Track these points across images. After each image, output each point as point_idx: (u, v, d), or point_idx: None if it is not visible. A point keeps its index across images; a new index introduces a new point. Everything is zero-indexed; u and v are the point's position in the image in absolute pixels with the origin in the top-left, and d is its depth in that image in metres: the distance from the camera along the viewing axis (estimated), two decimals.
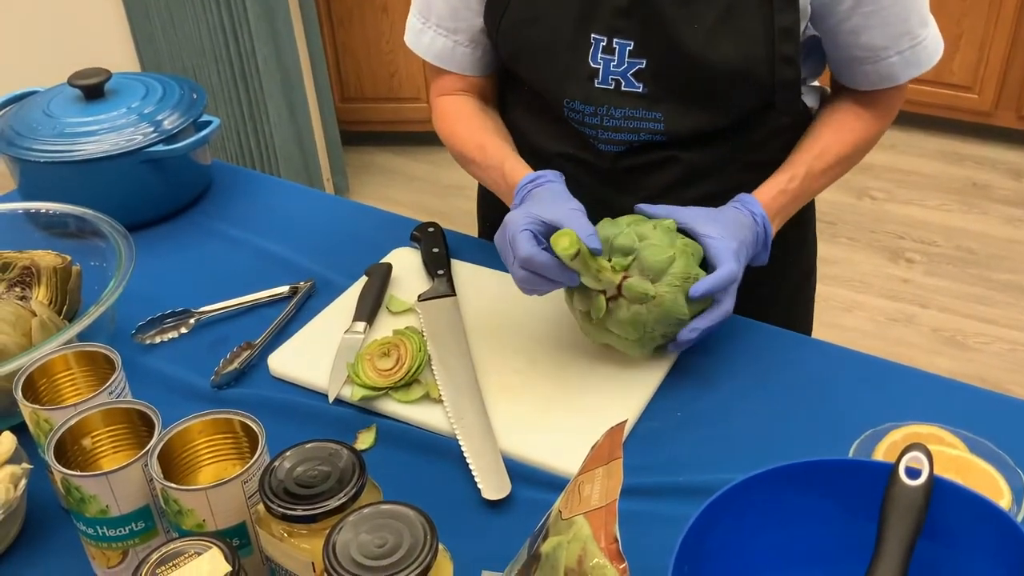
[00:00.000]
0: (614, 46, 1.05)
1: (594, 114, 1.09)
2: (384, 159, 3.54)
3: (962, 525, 0.70)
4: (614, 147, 1.10)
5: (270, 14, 2.87)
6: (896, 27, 1.03)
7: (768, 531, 0.74)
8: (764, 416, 0.98)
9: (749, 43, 1.02)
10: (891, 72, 1.07)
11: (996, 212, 3.14)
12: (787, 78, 1.05)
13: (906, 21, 1.04)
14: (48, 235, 1.16)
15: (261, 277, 1.20)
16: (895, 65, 1.06)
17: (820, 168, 1.10)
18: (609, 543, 0.61)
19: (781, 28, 1.01)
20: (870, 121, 1.12)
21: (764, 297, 1.16)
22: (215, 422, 0.78)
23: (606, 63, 1.06)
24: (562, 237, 0.92)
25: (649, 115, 1.07)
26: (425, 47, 1.18)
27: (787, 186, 1.08)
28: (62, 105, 1.32)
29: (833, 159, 1.10)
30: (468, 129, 1.17)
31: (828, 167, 1.10)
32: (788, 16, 1.01)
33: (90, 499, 0.75)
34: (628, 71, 1.06)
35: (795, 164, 1.10)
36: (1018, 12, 3.12)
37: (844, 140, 1.11)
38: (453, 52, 1.17)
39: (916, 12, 1.04)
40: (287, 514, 0.68)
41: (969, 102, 3.33)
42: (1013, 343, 2.61)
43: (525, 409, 0.98)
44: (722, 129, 1.09)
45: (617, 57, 1.05)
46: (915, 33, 1.05)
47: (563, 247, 0.91)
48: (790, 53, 1.03)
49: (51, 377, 0.87)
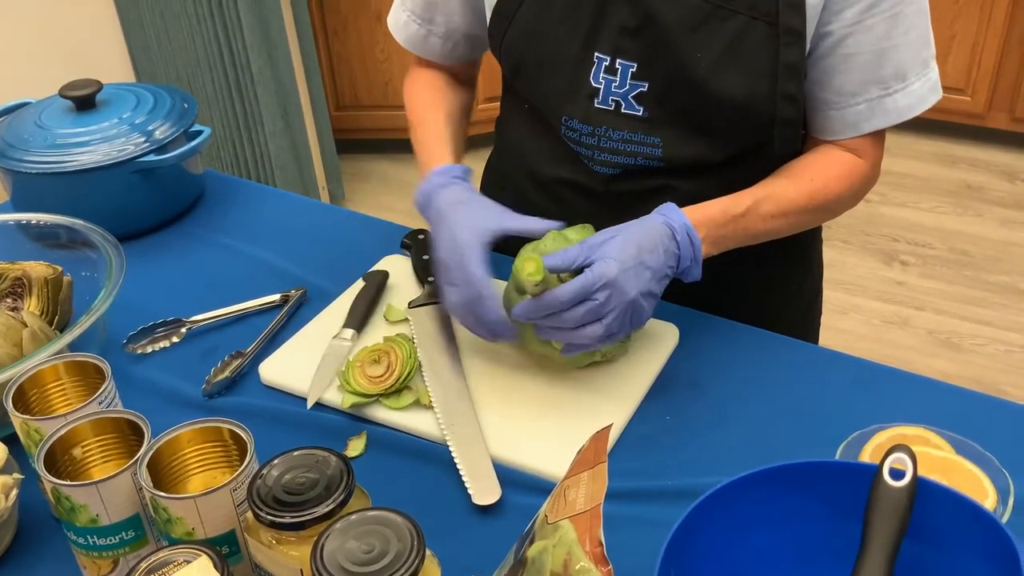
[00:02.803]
0: (617, 66, 1.03)
1: (592, 134, 1.07)
2: (380, 167, 3.54)
3: (946, 525, 0.70)
4: (609, 169, 1.08)
5: (264, 24, 2.88)
6: (869, 74, 1.00)
7: (753, 533, 0.74)
8: (753, 420, 0.98)
9: (754, 77, 0.99)
10: (855, 121, 1.03)
11: (990, 214, 3.15)
12: (788, 116, 1.02)
13: (879, 70, 1.00)
14: (40, 246, 1.16)
15: (252, 286, 1.20)
16: (860, 113, 1.03)
17: (768, 211, 1.03)
18: (594, 547, 0.62)
19: (786, 64, 0.99)
20: (834, 177, 1.06)
21: (769, 314, 1.16)
22: (204, 431, 0.79)
23: (607, 83, 1.04)
24: (528, 262, 0.91)
25: (648, 139, 1.06)
26: (400, 28, 1.21)
27: (720, 216, 1.01)
28: (54, 116, 1.32)
29: (787, 206, 1.04)
30: (421, 101, 1.20)
31: (779, 212, 1.04)
32: (794, 52, 0.98)
33: (80, 508, 0.76)
34: (629, 93, 1.04)
35: (741, 196, 1.03)
36: (1010, 15, 3.13)
37: (800, 189, 1.05)
38: (426, 40, 1.20)
39: (894, 64, 1.00)
40: (275, 521, 0.69)
41: (962, 104, 3.34)
42: (1008, 345, 2.61)
43: (515, 414, 0.99)
44: (720, 161, 1.07)
45: (619, 78, 1.03)
46: (887, 84, 1.01)
47: (529, 272, 0.91)
48: (793, 91, 1.00)
49: (42, 387, 0.88)
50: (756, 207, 1.03)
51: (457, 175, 1.06)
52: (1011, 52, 3.19)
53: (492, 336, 0.99)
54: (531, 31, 1.07)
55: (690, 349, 1.07)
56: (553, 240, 0.98)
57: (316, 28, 3.23)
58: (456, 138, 1.16)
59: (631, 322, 0.95)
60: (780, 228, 1.06)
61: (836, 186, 1.06)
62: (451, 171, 1.07)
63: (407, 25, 1.20)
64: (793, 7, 0.97)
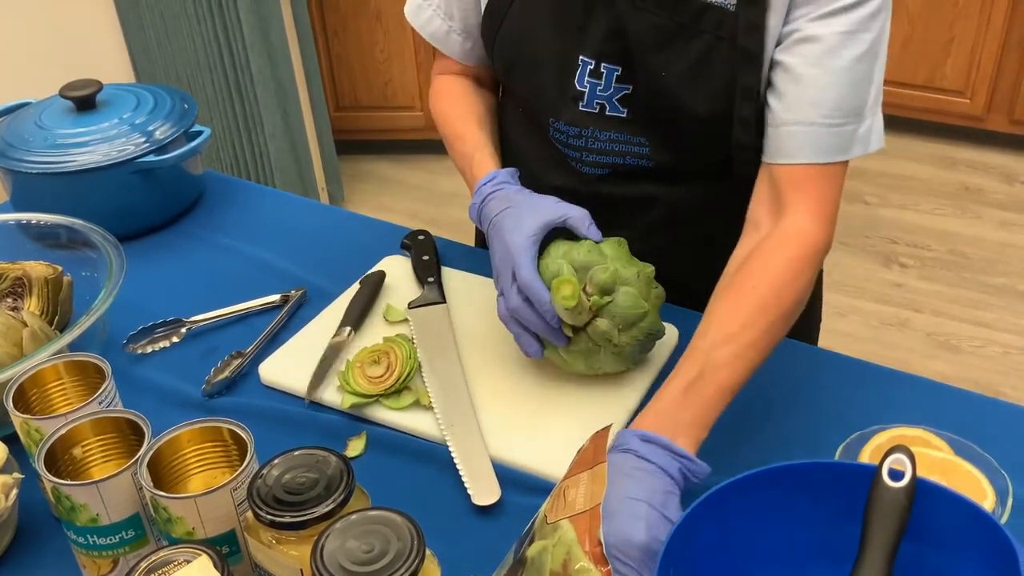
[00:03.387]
0: (602, 70, 1.03)
1: (579, 136, 1.07)
2: (379, 168, 3.54)
3: (945, 526, 0.70)
4: (597, 170, 1.09)
5: (264, 25, 2.88)
6: (814, 94, 0.94)
7: (752, 534, 0.74)
8: (752, 420, 0.98)
9: (716, 97, 0.99)
10: (786, 146, 0.96)
11: (989, 216, 3.15)
12: (742, 141, 1.00)
13: (817, 107, 0.94)
14: (40, 246, 1.16)
15: (252, 286, 1.20)
16: (796, 136, 0.95)
17: (723, 357, 0.86)
18: (594, 546, 0.62)
19: (742, 88, 0.98)
20: (773, 270, 0.92)
21: None
22: (204, 430, 0.79)
23: (592, 87, 1.04)
24: (564, 284, 0.91)
25: (634, 139, 1.06)
26: (423, 23, 1.18)
27: (679, 397, 0.84)
28: (54, 116, 1.32)
29: (740, 337, 0.87)
30: (455, 113, 1.18)
31: (737, 349, 0.87)
32: (749, 77, 0.97)
33: (80, 508, 0.76)
34: (614, 96, 1.04)
35: (687, 364, 0.87)
36: (1009, 17, 3.13)
37: (746, 304, 0.89)
38: (447, 37, 1.17)
39: (829, 105, 0.93)
40: (275, 521, 0.69)
41: (961, 106, 3.34)
42: (1007, 346, 2.61)
43: (515, 415, 0.99)
44: (700, 169, 1.07)
45: (604, 81, 1.03)
46: (821, 106, 0.94)
47: (564, 295, 0.90)
48: (747, 115, 0.99)
49: (42, 387, 0.88)
50: (710, 362, 0.86)
51: (503, 179, 1.05)
52: (1010, 54, 3.19)
53: (536, 349, 0.97)
54: (520, 32, 1.07)
55: None
56: (588, 252, 0.97)
57: (316, 29, 3.24)
58: (493, 142, 1.15)
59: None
60: (750, 362, 0.88)
61: (788, 279, 0.92)
62: (496, 177, 1.06)
63: (431, 20, 1.17)
64: (754, 29, 0.95)
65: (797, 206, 0.95)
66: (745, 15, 0.95)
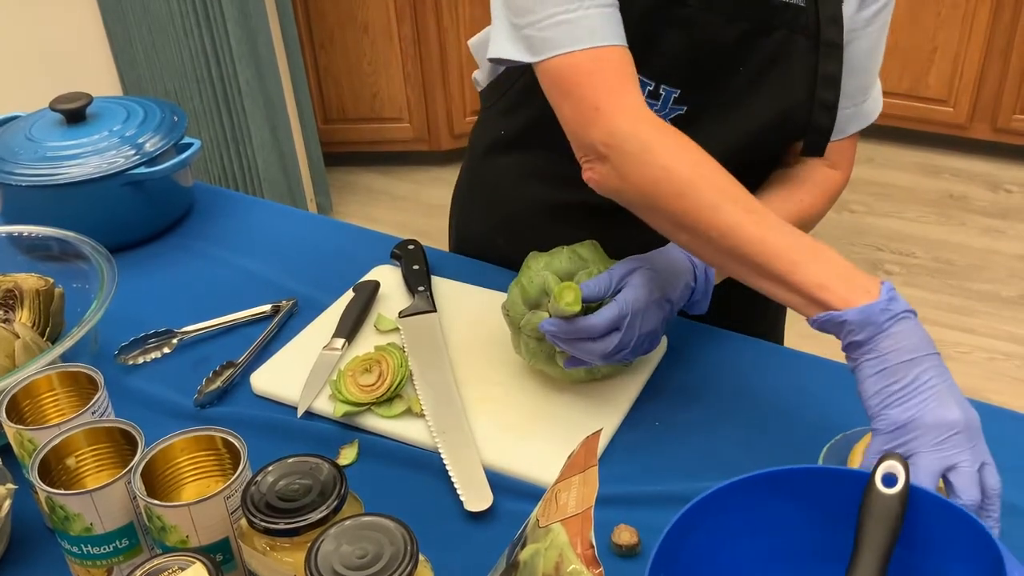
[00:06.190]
0: (661, 92, 1.03)
1: None
2: (367, 179, 3.55)
3: (937, 533, 0.71)
4: None
5: (252, 37, 2.88)
6: (862, 79, 1.07)
7: (744, 538, 0.75)
8: (741, 424, 0.99)
9: (791, 87, 1.03)
10: (842, 126, 1.08)
11: (973, 223, 3.18)
12: (822, 124, 1.05)
13: (870, 74, 1.07)
14: (31, 258, 1.16)
15: (243, 297, 1.21)
16: (850, 118, 1.09)
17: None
18: (585, 549, 0.62)
19: (824, 75, 1.02)
20: (819, 195, 1.10)
21: (756, 322, 1.19)
22: (197, 439, 0.79)
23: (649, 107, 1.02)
24: (567, 291, 0.91)
25: None
26: (587, 34, 0.91)
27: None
28: (44, 129, 1.33)
29: None
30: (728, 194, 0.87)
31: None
32: (833, 64, 1.02)
33: (74, 517, 0.76)
34: (668, 116, 1.05)
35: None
36: (991, 25, 3.17)
37: (790, 209, 1.05)
38: (610, 19, 0.92)
39: (877, 67, 1.07)
40: (269, 528, 0.69)
41: (944, 115, 3.37)
42: (991, 352, 2.63)
43: (506, 421, 0.99)
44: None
45: (660, 103, 1.04)
46: (867, 88, 1.08)
47: (568, 301, 0.91)
48: (830, 100, 1.03)
49: (35, 398, 0.88)
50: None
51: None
52: (992, 63, 3.22)
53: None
54: None
55: (679, 356, 1.08)
56: (568, 259, 0.98)
57: (303, 41, 3.25)
58: None
59: (643, 349, 0.97)
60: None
61: (822, 205, 1.10)
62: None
63: (593, 21, 0.91)
64: (834, 22, 1.01)
65: (840, 165, 1.12)
66: (824, 10, 1.00)
